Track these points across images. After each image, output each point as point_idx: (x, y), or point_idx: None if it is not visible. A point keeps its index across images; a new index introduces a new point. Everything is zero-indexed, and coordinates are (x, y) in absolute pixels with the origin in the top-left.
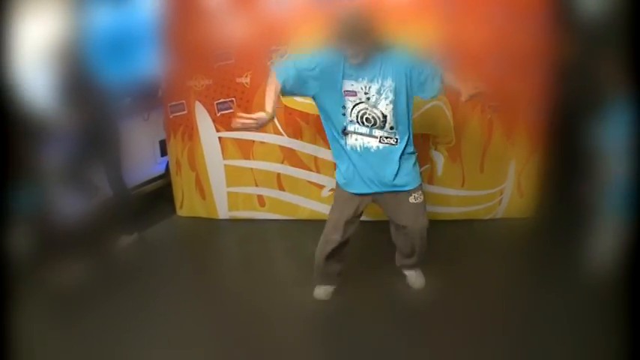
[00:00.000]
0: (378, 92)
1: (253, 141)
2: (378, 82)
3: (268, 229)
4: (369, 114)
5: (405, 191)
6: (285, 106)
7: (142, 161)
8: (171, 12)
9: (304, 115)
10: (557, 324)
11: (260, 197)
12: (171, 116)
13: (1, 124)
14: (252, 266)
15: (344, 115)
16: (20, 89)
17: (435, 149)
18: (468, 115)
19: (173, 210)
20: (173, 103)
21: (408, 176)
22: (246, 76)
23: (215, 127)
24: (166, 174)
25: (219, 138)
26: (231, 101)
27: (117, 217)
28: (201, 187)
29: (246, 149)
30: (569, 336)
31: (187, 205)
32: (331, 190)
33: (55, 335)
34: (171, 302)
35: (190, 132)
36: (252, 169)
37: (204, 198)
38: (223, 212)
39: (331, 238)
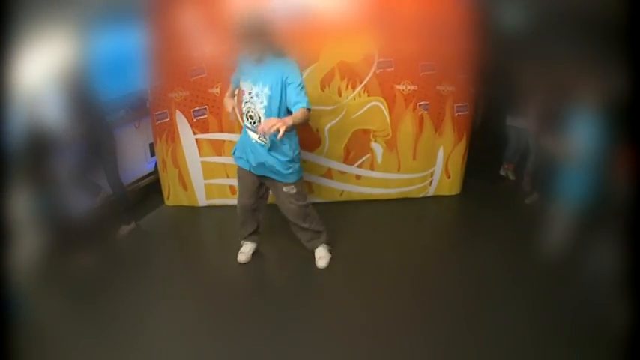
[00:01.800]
0: (257, 95)
1: (224, 141)
2: (257, 85)
3: None
4: (252, 111)
5: (278, 181)
6: None
7: (135, 161)
8: (154, 35)
9: None
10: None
11: (232, 187)
12: (156, 123)
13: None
14: (226, 243)
15: (242, 109)
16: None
17: (375, 141)
18: (402, 112)
19: (162, 201)
20: (158, 112)
21: (278, 174)
22: (216, 87)
23: (192, 130)
24: (155, 171)
25: (196, 139)
26: (205, 108)
27: (117, 210)
28: (184, 181)
29: (218, 147)
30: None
31: (173, 196)
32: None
33: (70, 317)
34: (162, 277)
35: (172, 135)
36: (224, 163)
37: (186, 190)
38: (202, 201)
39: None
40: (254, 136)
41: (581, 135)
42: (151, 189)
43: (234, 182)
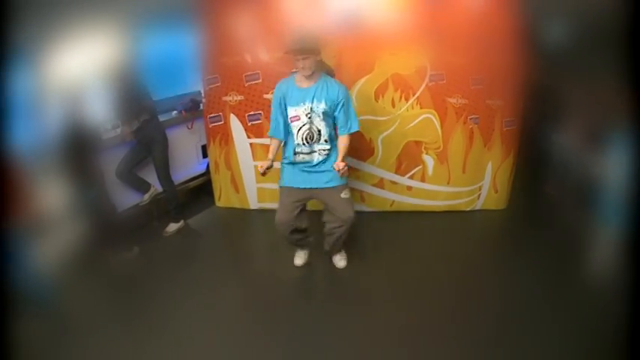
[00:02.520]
0: (315, 112)
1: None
2: (314, 103)
3: None
4: (311, 130)
5: (334, 187)
6: None
7: (187, 162)
8: (210, 39)
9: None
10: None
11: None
12: (210, 126)
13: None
14: (275, 247)
15: (295, 137)
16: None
17: (426, 153)
18: (453, 125)
19: (212, 202)
20: (212, 114)
21: (335, 180)
22: (271, 93)
23: (246, 134)
24: (207, 172)
25: (250, 143)
26: (260, 114)
27: (166, 208)
28: (236, 183)
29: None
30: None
31: (224, 197)
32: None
33: (111, 312)
34: (207, 276)
35: (226, 138)
36: (276, 168)
37: (238, 192)
38: (254, 203)
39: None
40: (314, 156)
41: (621, 155)
42: (201, 190)
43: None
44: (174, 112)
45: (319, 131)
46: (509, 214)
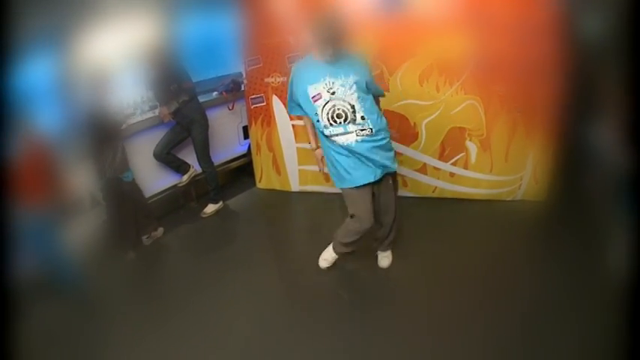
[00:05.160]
0: (343, 85)
1: None
2: (340, 78)
3: (332, 200)
4: (338, 108)
5: (389, 174)
6: None
7: (227, 143)
8: (251, 21)
9: None
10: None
11: (326, 174)
12: (252, 107)
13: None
14: (318, 231)
15: (318, 121)
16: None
17: (470, 140)
18: (497, 113)
19: (253, 183)
20: (254, 96)
21: (391, 165)
22: None
23: (289, 116)
24: (248, 153)
25: (293, 125)
26: None
27: (205, 189)
28: (277, 165)
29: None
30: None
31: (265, 179)
32: None
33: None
34: (247, 261)
35: (269, 120)
36: None
37: (279, 174)
38: (295, 186)
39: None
40: (350, 138)
41: None
42: (242, 171)
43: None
44: (215, 93)
45: (352, 106)
46: (548, 206)
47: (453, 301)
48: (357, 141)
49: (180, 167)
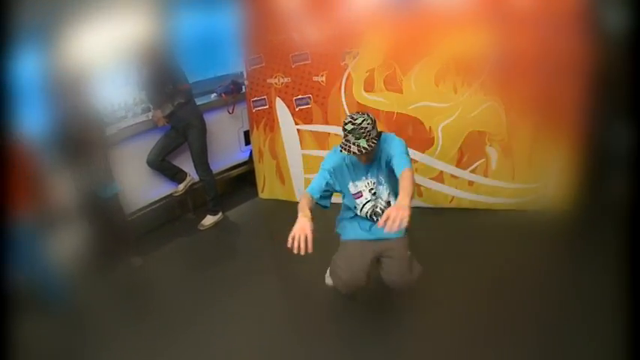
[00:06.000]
0: (380, 183)
1: (329, 133)
2: (378, 176)
3: (339, 211)
4: (378, 207)
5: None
6: (358, 102)
7: (227, 149)
8: (253, 17)
9: (375, 111)
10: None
11: None
12: (254, 110)
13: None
14: (324, 245)
15: (355, 207)
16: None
17: (490, 145)
18: (519, 115)
19: (255, 193)
20: (256, 98)
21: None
22: (321, 75)
23: (294, 120)
24: (249, 161)
25: (298, 130)
26: (309, 97)
27: (203, 199)
28: (281, 173)
29: (322, 140)
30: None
31: (268, 189)
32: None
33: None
34: (249, 277)
35: (272, 124)
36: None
37: (283, 183)
38: (300, 196)
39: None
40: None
41: None
42: (243, 180)
43: None
44: (214, 95)
45: (388, 202)
46: (575, 216)
47: (472, 319)
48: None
49: (176, 175)
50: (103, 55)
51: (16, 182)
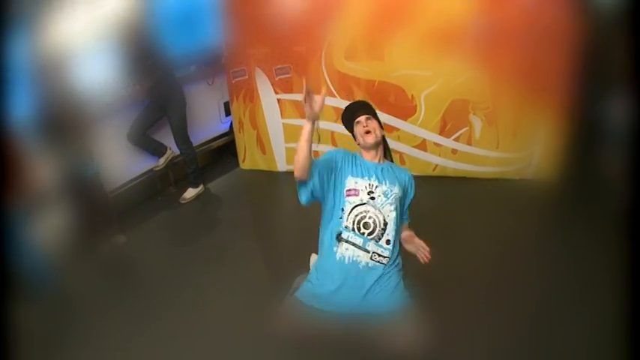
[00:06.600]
0: (385, 195)
1: None
2: (385, 184)
3: None
4: (370, 217)
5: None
6: (339, 71)
7: (207, 121)
8: None
9: (356, 80)
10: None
11: (316, 152)
12: (233, 81)
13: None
14: (308, 215)
15: (341, 218)
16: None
17: (474, 114)
18: (504, 84)
19: (236, 164)
20: (235, 69)
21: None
22: (302, 45)
23: (274, 90)
24: (230, 132)
25: (278, 100)
26: (289, 67)
27: (184, 172)
28: (262, 144)
29: (302, 109)
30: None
31: (249, 159)
32: None
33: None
34: (232, 248)
35: (251, 94)
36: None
37: (264, 153)
38: (282, 165)
39: None
40: (361, 257)
41: None
42: (224, 151)
43: (319, 148)
44: (193, 66)
45: (385, 224)
46: (560, 185)
47: (456, 289)
48: (367, 265)
49: (157, 150)
50: (81, 33)
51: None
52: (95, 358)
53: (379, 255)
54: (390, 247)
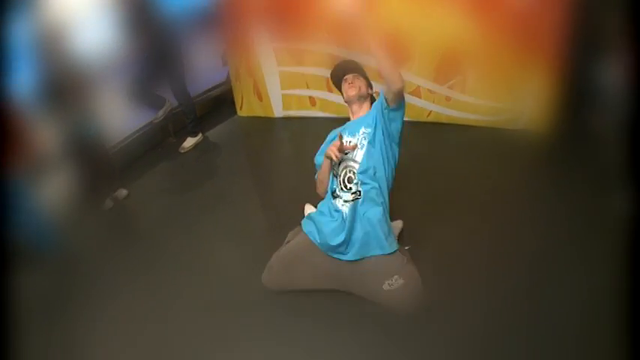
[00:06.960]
0: (352, 144)
1: (304, 49)
2: (351, 133)
3: (318, 125)
4: (350, 170)
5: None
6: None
7: (205, 71)
8: None
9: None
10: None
11: (311, 98)
12: (230, 31)
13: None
14: (304, 159)
15: (335, 176)
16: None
17: (467, 63)
18: (498, 36)
19: (234, 111)
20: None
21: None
22: None
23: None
24: (227, 81)
25: (274, 48)
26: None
27: (183, 122)
28: (259, 91)
29: (298, 56)
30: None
31: (246, 106)
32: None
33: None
34: (231, 194)
35: (248, 44)
36: (303, 73)
37: (261, 100)
38: (278, 111)
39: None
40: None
41: None
42: (222, 99)
43: (315, 93)
44: (190, 18)
45: (354, 175)
46: (551, 137)
47: (447, 234)
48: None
49: (155, 103)
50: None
51: (4, 133)
52: (97, 311)
53: (357, 187)
54: (355, 186)
